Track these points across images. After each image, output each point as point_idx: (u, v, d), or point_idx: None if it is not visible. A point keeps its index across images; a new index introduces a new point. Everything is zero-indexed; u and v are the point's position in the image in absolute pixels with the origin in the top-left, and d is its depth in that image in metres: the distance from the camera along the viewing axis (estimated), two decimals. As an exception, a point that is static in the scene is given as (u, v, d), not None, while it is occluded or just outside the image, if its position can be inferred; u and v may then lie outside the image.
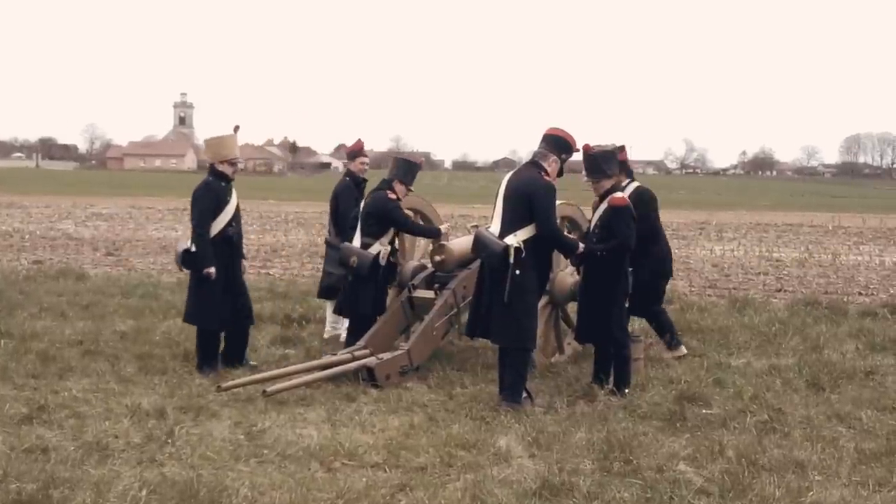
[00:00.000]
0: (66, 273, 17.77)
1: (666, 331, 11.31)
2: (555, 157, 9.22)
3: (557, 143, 9.27)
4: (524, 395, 9.08)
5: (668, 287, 12.16)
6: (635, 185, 11.19)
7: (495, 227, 9.10)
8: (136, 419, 8.18)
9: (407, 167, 11.09)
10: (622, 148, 11.25)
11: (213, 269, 10.09)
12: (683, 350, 11.20)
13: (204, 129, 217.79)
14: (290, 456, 7.40)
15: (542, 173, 9.15)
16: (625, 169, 11.23)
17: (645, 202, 10.91)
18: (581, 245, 9.46)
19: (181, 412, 8.46)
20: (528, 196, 8.98)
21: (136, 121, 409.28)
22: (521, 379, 9.08)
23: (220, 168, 10.40)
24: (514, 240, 8.89)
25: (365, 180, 12.27)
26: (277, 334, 12.07)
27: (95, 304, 14.04)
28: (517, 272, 8.87)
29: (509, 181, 9.23)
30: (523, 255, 8.86)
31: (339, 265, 10.77)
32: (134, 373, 9.98)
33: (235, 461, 7.26)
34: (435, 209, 12.30)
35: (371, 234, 10.66)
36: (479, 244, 9.13)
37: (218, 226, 10.23)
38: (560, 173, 9.36)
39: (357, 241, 10.67)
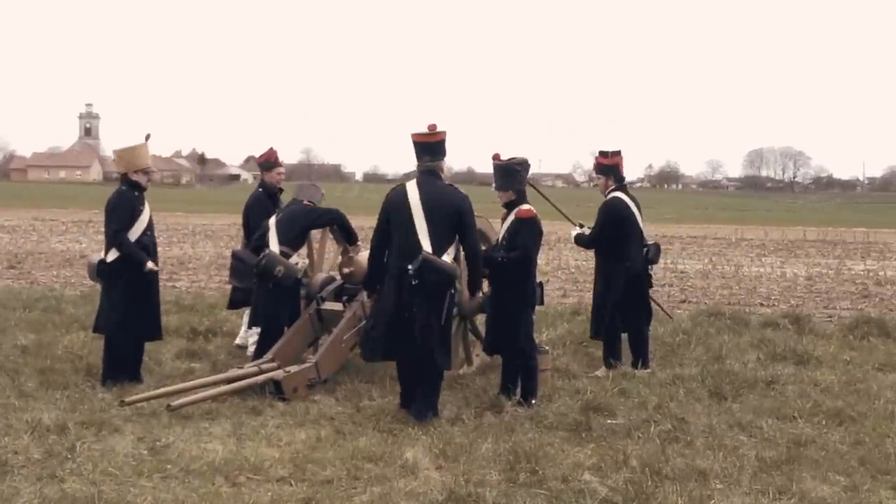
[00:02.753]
0: (-35, 286, 17.35)
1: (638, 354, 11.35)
2: (442, 163, 9.28)
3: (439, 148, 9.25)
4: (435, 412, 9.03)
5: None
6: (615, 194, 11.29)
7: (427, 246, 8.85)
8: (36, 435, 8.01)
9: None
10: (618, 153, 11.38)
11: (152, 263, 10.08)
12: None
13: (110, 140, 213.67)
14: (194, 471, 7.31)
15: (452, 185, 9.17)
16: (615, 174, 11.34)
17: (602, 213, 11.13)
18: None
19: (83, 427, 8.31)
20: (457, 213, 8.96)
21: (41, 132, 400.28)
22: (436, 397, 9.11)
23: (134, 178, 10.29)
24: (449, 258, 8.90)
25: (281, 190, 12.20)
26: (183, 347, 11.91)
27: (-5, 318, 13.73)
28: (452, 292, 8.96)
29: (426, 197, 8.98)
30: (459, 274, 8.91)
31: (255, 274, 10.57)
32: (35, 387, 9.77)
33: (138, 476, 7.15)
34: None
35: (289, 244, 10.65)
36: (430, 267, 8.75)
37: (133, 235, 10.13)
38: None
39: (275, 251, 10.56)
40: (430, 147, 9.21)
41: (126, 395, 9.24)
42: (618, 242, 11.09)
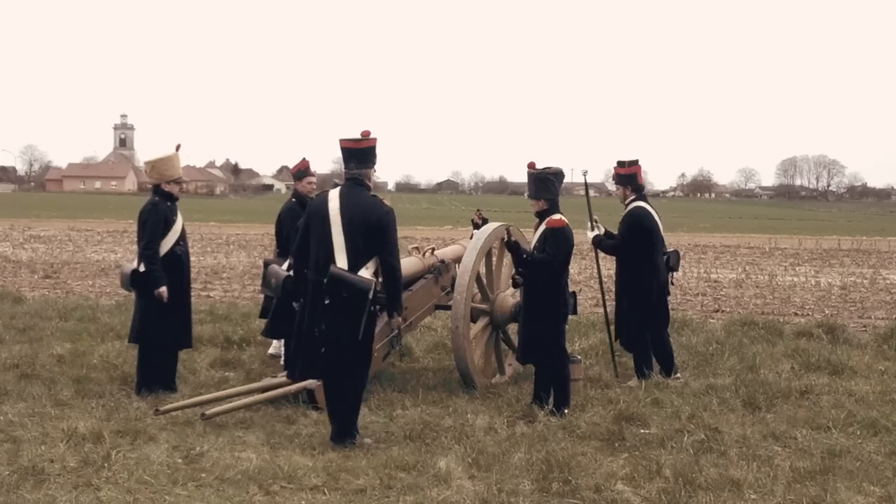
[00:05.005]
0: (2, 296, 17.49)
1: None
2: (371, 171, 8.75)
3: (367, 156, 8.71)
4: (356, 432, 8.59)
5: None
6: (635, 204, 11.28)
7: (342, 261, 8.35)
8: (72, 443, 8.08)
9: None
10: (635, 162, 11.36)
11: (164, 289, 10.05)
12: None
13: (145, 150, 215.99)
14: (228, 479, 7.35)
15: (375, 196, 8.70)
16: (633, 184, 11.33)
17: (627, 223, 11.13)
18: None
19: (118, 436, 8.37)
20: (376, 227, 8.41)
21: (76, 142, 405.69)
22: (355, 417, 8.60)
23: (167, 188, 10.38)
24: (367, 273, 8.36)
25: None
26: (217, 357, 11.99)
27: (32, 328, 13.86)
28: (372, 309, 8.39)
29: (344, 208, 8.46)
30: (378, 289, 8.38)
31: (263, 286, 10.67)
32: (71, 396, 9.85)
33: (173, 485, 7.20)
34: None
35: None
36: (339, 283, 8.24)
37: (166, 245, 10.22)
38: None
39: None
40: (357, 154, 8.65)
41: (161, 403, 9.31)
42: (646, 252, 11.07)
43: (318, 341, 8.38)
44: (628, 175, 11.39)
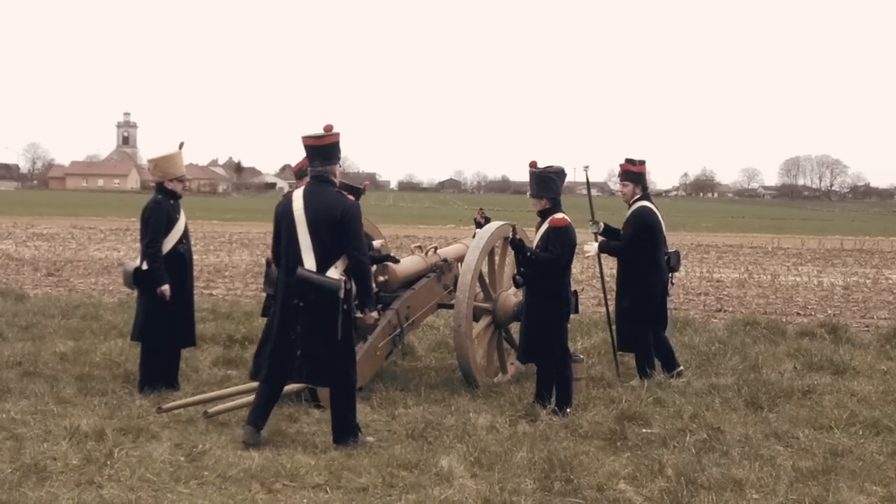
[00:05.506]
0: (5, 294, 17.50)
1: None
2: (336, 168, 8.63)
3: (331, 152, 8.58)
4: (357, 430, 8.52)
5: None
6: (641, 203, 11.27)
7: (309, 261, 8.27)
8: (74, 441, 8.08)
9: (351, 191, 11.08)
10: (642, 162, 11.35)
11: (167, 287, 10.05)
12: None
13: (147, 148, 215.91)
14: (230, 477, 7.35)
15: (339, 192, 8.61)
16: (642, 183, 11.33)
17: (633, 222, 11.13)
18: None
19: (121, 434, 8.38)
20: (340, 221, 8.29)
21: (79, 140, 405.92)
22: (353, 415, 8.50)
23: (170, 186, 10.38)
24: (337, 272, 8.28)
25: None
26: (220, 355, 11.99)
27: (35, 325, 13.87)
28: (345, 307, 8.31)
29: (308, 207, 8.39)
30: (349, 287, 8.32)
31: (265, 285, 10.70)
32: (73, 394, 9.86)
33: (175, 483, 7.20)
34: (376, 226, 12.32)
35: None
36: (308, 285, 8.20)
37: (169, 243, 10.23)
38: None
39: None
40: (321, 150, 8.53)
41: (163, 401, 9.32)
42: (651, 252, 11.06)
43: (293, 344, 8.33)
44: (638, 173, 11.38)
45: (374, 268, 11.33)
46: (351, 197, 8.59)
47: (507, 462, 7.85)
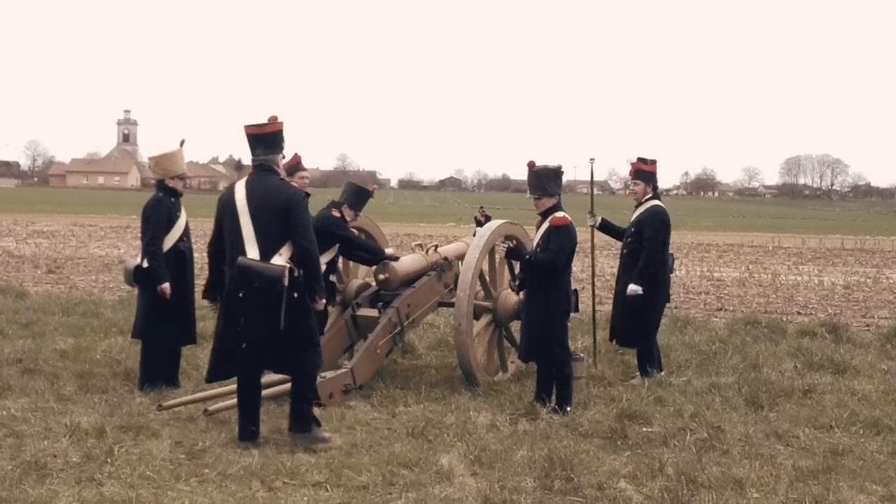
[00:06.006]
0: (5, 291, 17.50)
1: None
2: (279, 157, 8.53)
3: (273, 140, 8.46)
4: (313, 422, 8.46)
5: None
6: (652, 203, 11.27)
7: (252, 251, 8.13)
8: (75, 438, 8.08)
9: (359, 194, 11.06)
10: (654, 161, 11.34)
11: (167, 285, 10.05)
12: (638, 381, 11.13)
13: (148, 146, 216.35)
14: (231, 475, 7.35)
15: (282, 180, 8.53)
16: (654, 182, 11.31)
17: (654, 220, 11.12)
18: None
19: (121, 431, 8.38)
20: (284, 209, 8.17)
21: (79, 138, 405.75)
22: (308, 406, 8.45)
23: (170, 184, 10.37)
24: (282, 260, 8.11)
25: (307, 195, 12.22)
26: (220, 353, 11.95)
27: (35, 323, 13.88)
28: (294, 295, 8.14)
29: (250, 196, 8.28)
30: (297, 274, 8.13)
31: None
32: (73, 391, 9.86)
33: (175, 480, 7.20)
34: (381, 230, 12.33)
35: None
36: (250, 273, 8.04)
37: (170, 241, 10.22)
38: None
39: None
40: (263, 139, 8.40)
41: (163, 399, 9.32)
42: (662, 250, 11.08)
43: (238, 336, 8.23)
44: (650, 172, 11.36)
45: (374, 267, 11.35)
46: (295, 185, 8.42)
47: (508, 460, 7.85)
